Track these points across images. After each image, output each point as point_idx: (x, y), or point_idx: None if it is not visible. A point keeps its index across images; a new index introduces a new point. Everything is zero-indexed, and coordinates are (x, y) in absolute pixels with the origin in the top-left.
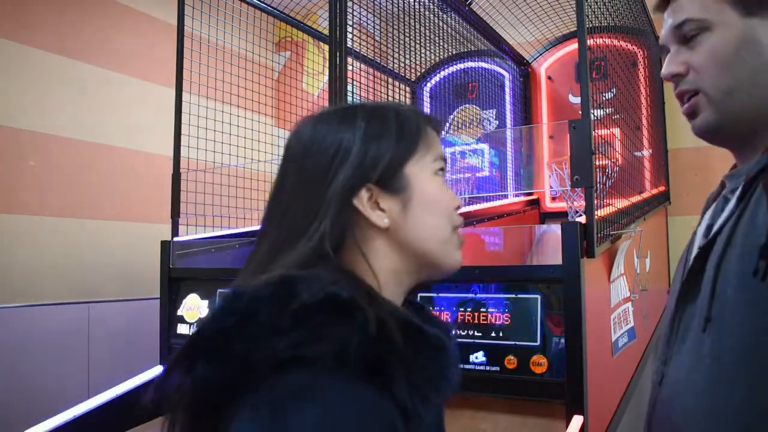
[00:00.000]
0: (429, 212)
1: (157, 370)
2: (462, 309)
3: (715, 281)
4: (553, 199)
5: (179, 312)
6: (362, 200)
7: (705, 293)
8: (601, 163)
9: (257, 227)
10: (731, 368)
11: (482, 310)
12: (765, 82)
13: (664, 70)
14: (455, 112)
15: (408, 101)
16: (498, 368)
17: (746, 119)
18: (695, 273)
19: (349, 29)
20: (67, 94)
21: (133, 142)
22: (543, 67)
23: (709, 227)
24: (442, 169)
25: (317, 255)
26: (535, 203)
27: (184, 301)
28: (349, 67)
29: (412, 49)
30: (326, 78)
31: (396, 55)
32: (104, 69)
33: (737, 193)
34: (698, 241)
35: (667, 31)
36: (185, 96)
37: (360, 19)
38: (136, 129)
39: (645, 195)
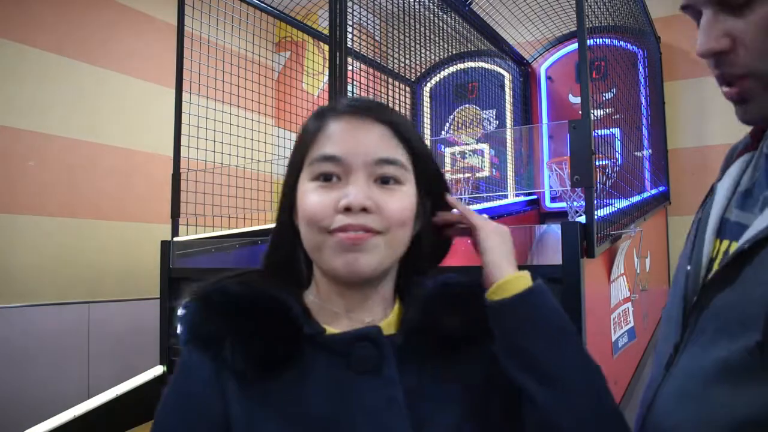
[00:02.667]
0: (301, 221)
1: (158, 370)
2: None
3: None
4: (553, 199)
5: (179, 312)
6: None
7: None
8: (601, 163)
9: (257, 227)
10: None
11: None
12: None
13: (700, 45)
14: (455, 112)
15: (408, 101)
16: None
17: None
18: (740, 262)
19: (349, 29)
20: (67, 94)
21: (133, 142)
22: (543, 67)
23: (746, 192)
24: (324, 174)
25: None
26: (535, 203)
27: (184, 301)
28: (349, 67)
29: (412, 49)
30: (326, 78)
31: (396, 55)
32: (104, 69)
33: None
34: (720, 204)
35: None
36: (185, 96)
37: (360, 19)
38: (136, 129)
39: (645, 195)
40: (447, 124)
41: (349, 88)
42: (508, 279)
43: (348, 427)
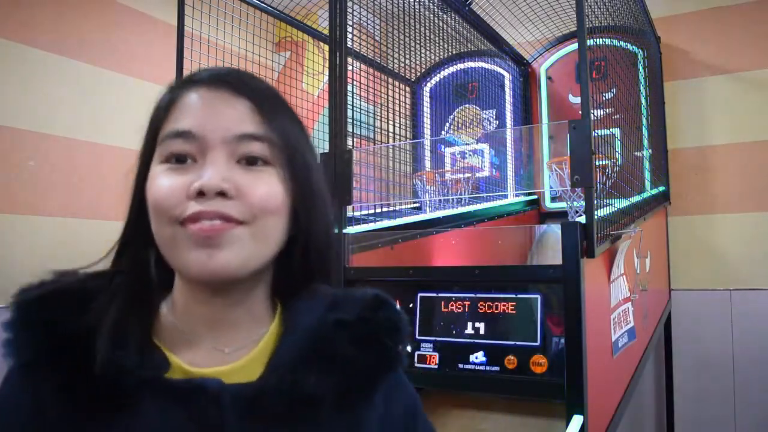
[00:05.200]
0: (151, 211)
1: None
2: (462, 309)
3: None
4: (553, 199)
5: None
6: None
7: None
8: (601, 163)
9: None
10: None
11: (482, 310)
12: None
13: None
14: (455, 112)
15: (408, 101)
16: (498, 368)
17: None
18: None
19: (349, 29)
20: (67, 94)
21: (133, 142)
22: (543, 67)
23: None
24: (177, 154)
25: None
26: (535, 203)
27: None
28: (349, 67)
29: (412, 49)
30: (326, 78)
31: (396, 55)
32: (104, 69)
33: None
34: None
35: None
36: None
37: (360, 19)
38: (137, 129)
39: (645, 195)
40: (447, 124)
41: (349, 88)
42: None
43: None
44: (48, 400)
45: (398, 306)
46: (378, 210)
